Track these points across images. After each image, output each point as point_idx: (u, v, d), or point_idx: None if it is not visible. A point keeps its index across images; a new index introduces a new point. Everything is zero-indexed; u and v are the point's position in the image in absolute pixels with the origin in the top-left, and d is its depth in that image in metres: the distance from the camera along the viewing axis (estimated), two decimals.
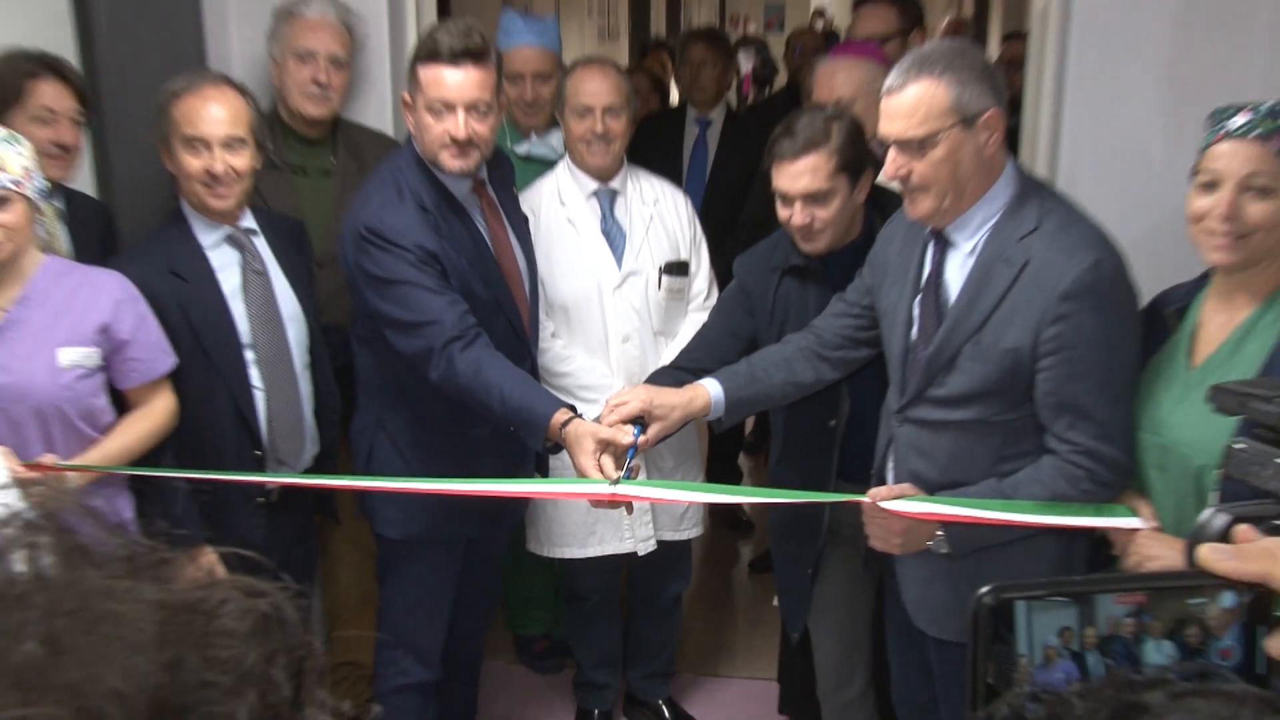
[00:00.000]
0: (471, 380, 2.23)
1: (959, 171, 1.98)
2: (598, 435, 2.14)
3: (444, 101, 2.33)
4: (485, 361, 2.24)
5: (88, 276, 2.22)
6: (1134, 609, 0.69)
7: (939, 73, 1.96)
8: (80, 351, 2.16)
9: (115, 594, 0.46)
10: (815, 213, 2.37)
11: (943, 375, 2.06)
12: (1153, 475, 1.97)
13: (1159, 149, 2.75)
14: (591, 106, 2.77)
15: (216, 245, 2.45)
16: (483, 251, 2.45)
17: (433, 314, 2.27)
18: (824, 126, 2.35)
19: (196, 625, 0.47)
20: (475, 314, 2.32)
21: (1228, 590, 0.69)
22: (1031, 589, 0.69)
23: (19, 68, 2.33)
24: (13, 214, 2.04)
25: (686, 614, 3.38)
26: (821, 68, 2.95)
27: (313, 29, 2.83)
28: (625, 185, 2.90)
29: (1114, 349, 1.97)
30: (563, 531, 2.93)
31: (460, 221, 2.42)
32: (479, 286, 2.41)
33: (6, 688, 0.41)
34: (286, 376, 2.50)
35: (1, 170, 2.01)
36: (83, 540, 0.49)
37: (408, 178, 2.38)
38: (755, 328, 2.55)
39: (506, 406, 2.22)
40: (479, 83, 2.34)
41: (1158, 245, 2.71)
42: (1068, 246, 1.95)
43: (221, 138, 2.34)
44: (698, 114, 4.08)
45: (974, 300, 2.02)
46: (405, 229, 2.31)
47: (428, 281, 2.29)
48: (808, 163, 2.33)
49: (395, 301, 2.31)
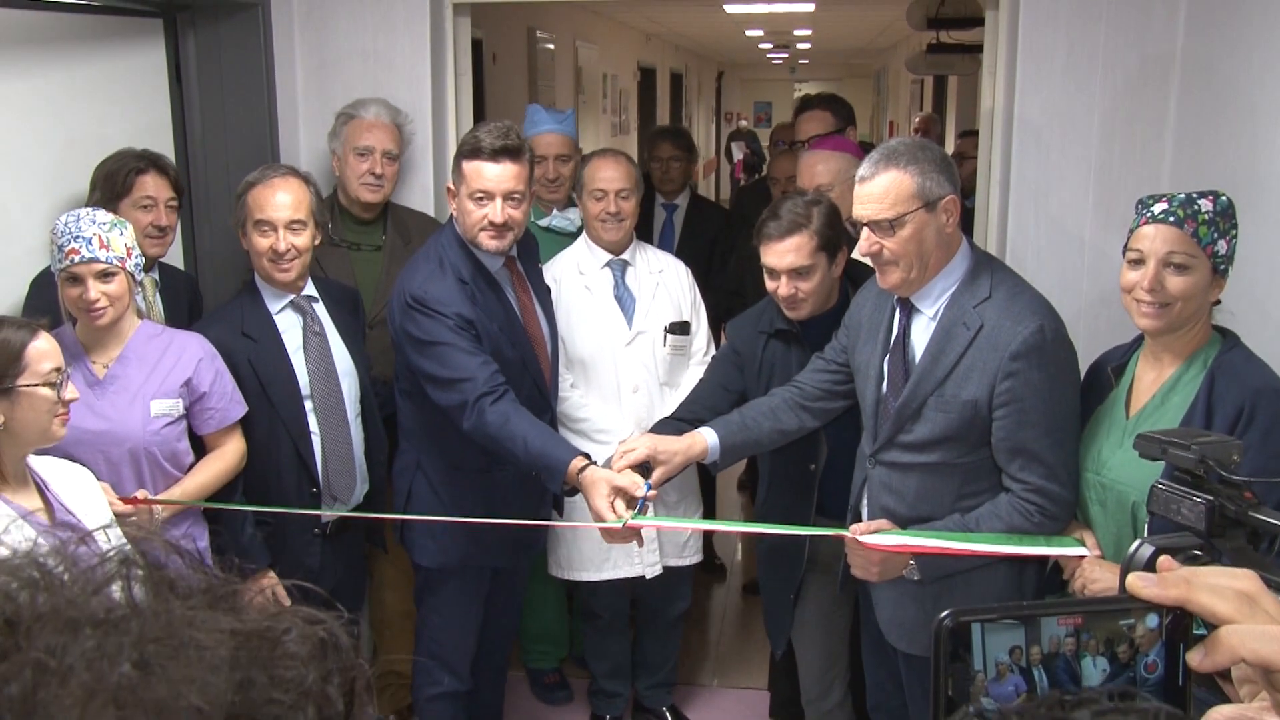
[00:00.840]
0: (500, 430, 2.24)
1: (923, 248, 2.01)
2: (612, 482, 2.13)
3: (484, 191, 2.36)
4: (512, 414, 2.25)
5: (175, 338, 2.26)
6: (1073, 629, 0.69)
7: (904, 164, 1.99)
8: (168, 403, 2.19)
9: (196, 622, 0.47)
10: (799, 285, 2.39)
11: (910, 424, 2.07)
12: (1095, 510, 1.97)
13: (1090, 229, 2.78)
14: (607, 190, 2.81)
15: (282, 310, 2.48)
16: (512, 319, 2.47)
17: (467, 372, 2.27)
18: (805, 211, 2.38)
19: (264, 650, 0.47)
20: (504, 372, 2.33)
21: (1152, 613, 0.70)
22: (985, 613, 0.69)
23: (128, 164, 2.40)
24: (117, 286, 2.09)
25: (687, 631, 3.35)
26: (804, 157, 2.97)
27: (370, 129, 2.88)
28: (635, 257, 2.93)
29: (1057, 400, 1.98)
30: (581, 557, 2.92)
31: (493, 293, 2.44)
32: (508, 349, 2.42)
33: (105, 704, 0.42)
34: (340, 423, 2.52)
35: (108, 249, 2.06)
36: (169, 573, 0.50)
37: (449, 254, 2.41)
38: (745, 383, 2.55)
39: (530, 453, 2.22)
40: (515, 175, 2.38)
41: (1090, 310, 2.74)
42: (1016, 313, 1.97)
43: (285, 220, 2.38)
44: (664, 200, 4.14)
45: (937, 358, 2.03)
46: (446, 299, 2.33)
47: (463, 344, 2.30)
48: (792, 243, 2.36)
49: (435, 360, 2.31)
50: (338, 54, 3.05)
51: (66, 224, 2.06)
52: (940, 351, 2.03)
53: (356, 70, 3.04)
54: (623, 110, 9.73)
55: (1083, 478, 1.99)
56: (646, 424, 2.73)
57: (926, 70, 7.66)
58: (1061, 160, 2.78)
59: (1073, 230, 2.79)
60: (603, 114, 8.95)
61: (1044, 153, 2.78)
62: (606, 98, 9.00)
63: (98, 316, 2.08)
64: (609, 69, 9.12)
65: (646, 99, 11.18)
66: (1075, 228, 2.79)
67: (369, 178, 2.87)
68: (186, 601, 0.48)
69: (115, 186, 2.37)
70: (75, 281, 2.06)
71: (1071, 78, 2.74)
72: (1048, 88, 2.76)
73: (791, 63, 19.18)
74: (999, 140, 2.89)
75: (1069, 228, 2.80)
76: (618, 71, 9.52)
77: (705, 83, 16.82)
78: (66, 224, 2.06)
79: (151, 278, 2.45)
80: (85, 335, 2.15)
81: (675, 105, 13.42)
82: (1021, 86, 2.78)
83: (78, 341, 2.15)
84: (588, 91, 8.16)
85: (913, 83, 10.19)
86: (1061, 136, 2.77)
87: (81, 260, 2.04)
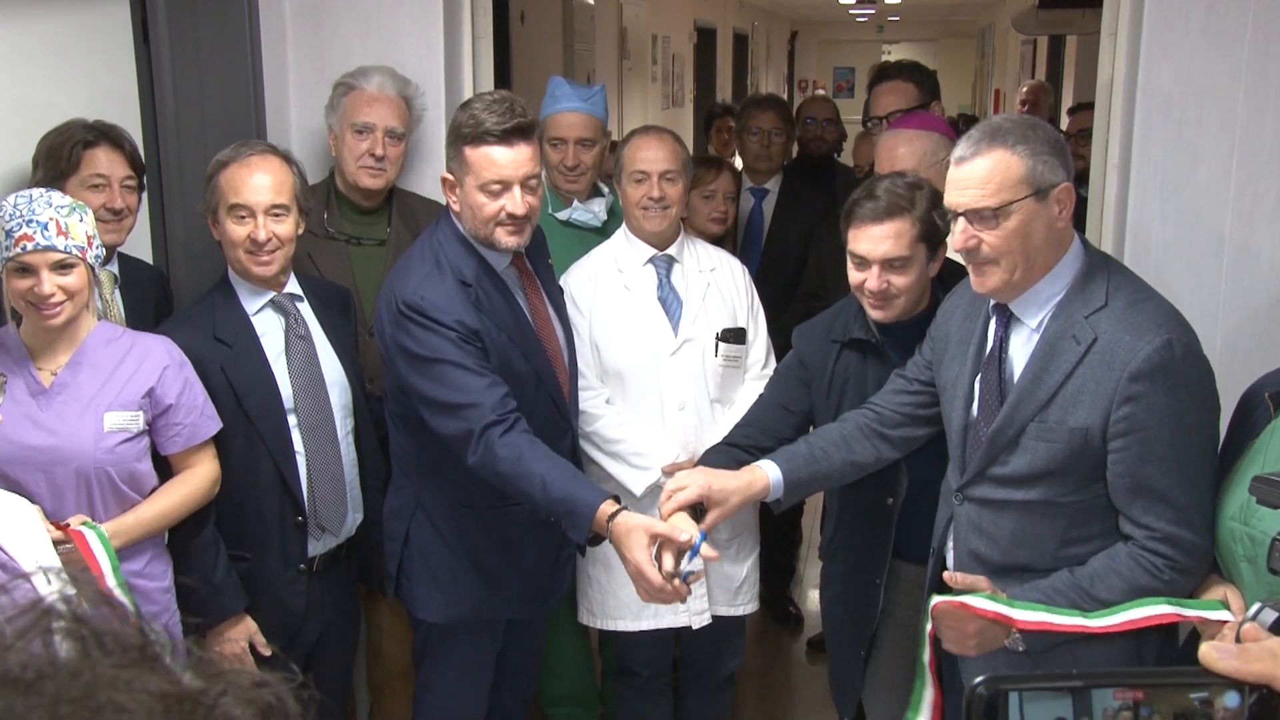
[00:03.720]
0: (512, 467, 2.18)
1: (1030, 244, 1.96)
2: (652, 530, 2.06)
3: (500, 180, 2.31)
4: (526, 448, 2.19)
5: (137, 341, 2.26)
6: (1131, 704, 0.69)
7: (1012, 144, 1.95)
8: (125, 415, 2.19)
9: (119, 683, 0.48)
10: (892, 279, 2.35)
11: (1005, 454, 2.03)
12: (1244, 568, 1.90)
13: (1231, 223, 2.71)
14: (649, 172, 2.80)
15: (260, 311, 2.48)
16: (523, 326, 2.44)
17: (473, 396, 2.23)
18: (908, 194, 2.35)
19: (196, 716, 0.49)
20: (515, 388, 2.30)
21: (1231, 690, 0.69)
22: (1024, 680, 0.70)
23: (74, 136, 2.39)
24: (75, 279, 2.10)
25: (742, 691, 3.29)
26: (883, 138, 2.94)
27: (371, 102, 2.87)
28: (682, 253, 2.91)
29: (1189, 429, 1.93)
30: (617, 603, 2.89)
31: (501, 296, 2.41)
32: (519, 362, 2.39)
33: None
34: (328, 441, 2.51)
35: (67, 237, 2.07)
36: (98, 625, 0.51)
37: (447, 252, 2.37)
38: (811, 402, 2.52)
39: (549, 496, 2.15)
40: (531, 157, 2.34)
41: (1231, 322, 2.65)
42: (1137, 324, 1.93)
43: (265, 205, 2.38)
44: (753, 184, 4.08)
45: (1039, 377, 1.99)
46: (446, 305, 2.29)
47: (469, 362, 2.26)
48: (891, 228, 2.32)
49: (435, 379, 2.27)
50: (335, 12, 3.06)
51: (16, 206, 2.06)
52: (1043, 369, 1.98)
53: (357, 33, 3.05)
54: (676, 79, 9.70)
55: (1228, 528, 1.92)
56: (694, 447, 2.70)
57: (1038, 29, 7.53)
58: (1197, 139, 2.72)
59: (1210, 224, 2.73)
60: (652, 83, 8.92)
61: (1176, 131, 2.72)
62: (656, 64, 8.99)
63: (52, 314, 2.09)
64: (660, 30, 9.10)
65: (705, 65, 11.16)
66: (1213, 221, 2.73)
67: (368, 160, 2.86)
68: (112, 659, 0.50)
69: (60, 163, 2.36)
70: (25, 273, 2.07)
71: (1212, 39, 2.68)
72: (1182, 51, 2.70)
73: (879, 20, 19.07)
74: (1119, 116, 2.84)
75: (1205, 221, 2.73)
76: (670, 33, 9.51)
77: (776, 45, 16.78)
78: (16, 206, 2.06)
79: (110, 271, 2.45)
80: (31, 337, 2.16)
81: (739, 72, 13.38)
82: (1148, 50, 2.72)
83: (20, 344, 2.16)
84: (634, 57, 8.15)
85: (1023, 44, 10.07)
86: (1198, 111, 2.71)
87: (35, 248, 2.04)
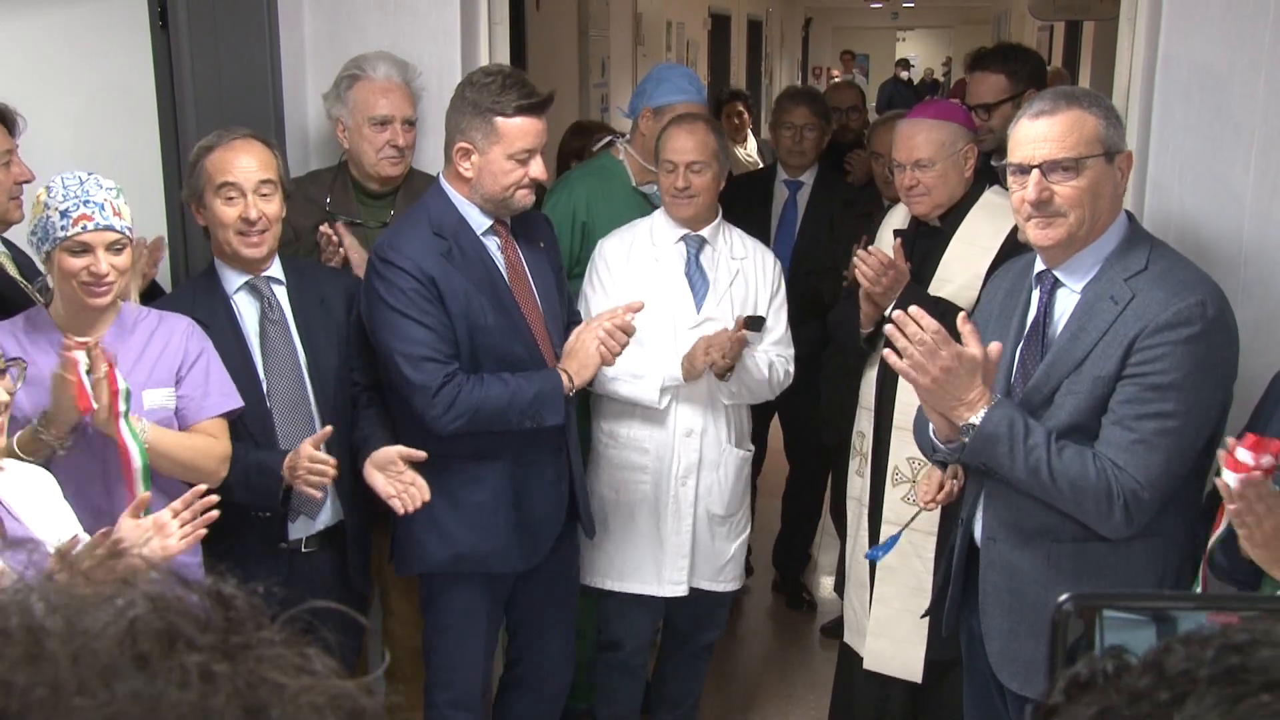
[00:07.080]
0: (476, 393, 2.44)
1: (1097, 203, 2.03)
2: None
3: (529, 150, 2.50)
4: (483, 380, 2.47)
5: (162, 320, 2.31)
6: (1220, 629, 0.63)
7: (1087, 105, 2.04)
8: (163, 393, 2.25)
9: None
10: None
11: (1041, 410, 2.08)
12: None
13: (1250, 211, 2.71)
14: (676, 163, 2.89)
15: (238, 291, 2.50)
16: (495, 279, 2.56)
17: (428, 350, 2.43)
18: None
19: None
20: (486, 339, 2.51)
21: None
22: (1116, 598, 0.67)
23: None
24: (125, 258, 2.17)
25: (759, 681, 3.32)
26: (901, 126, 2.91)
27: (384, 93, 2.88)
28: (716, 237, 3.00)
29: (1201, 392, 1.97)
30: (606, 561, 2.99)
31: (475, 251, 2.55)
32: (490, 314, 2.52)
33: None
34: (304, 425, 2.50)
35: (121, 218, 2.15)
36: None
37: (431, 209, 2.55)
38: None
39: (522, 398, 2.46)
40: (545, 130, 2.54)
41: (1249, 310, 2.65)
42: (1174, 284, 2.00)
43: (254, 183, 2.41)
44: (788, 176, 4.11)
45: (1077, 336, 2.06)
46: (410, 251, 2.46)
47: (426, 319, 2.45)
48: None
49: (392, 330, 2.44)
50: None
51: (68, 187, 2.10)
52: (1080, 328, 2.06)
53: (374, 19, 3.07)
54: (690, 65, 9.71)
55: None
56: (700, 398, 2.93)
57: (1054, 15, 7.50)
58: (1217, 125, 2.71)
59: (1230, 210, 2.73)
60: None
61: (1195, 116, 2.72)
62: (671, 50, 9.02)
63: (103, 293, 2.14)
64: (674, 16, 9.12)
65: (719, 52, 11.17)
66: (1233, 208, 2.73)
67: (389, 150, 2.88)
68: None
69: None
70: (81, 252, 2.11)
71: (1235, 23, 2.67)
72: (1202, 36, 2.69)
73: (894, 6, 19.01)
74: (1138, 102, 2.83)
75: (1226, 207, 2.73)
76: (684, 19, 9.53)
77: (789, 32, 16.75)
78: (68, 187, 2.10)
79: None
80: (67, 317, 2.19)
81: (753, 59, 13.39)
82: (1168, 34, 2.71)
83: (54, 326, 2.19)
84: (648, 43, 8.17)
85: (1039, 30, 10.01)
86: (1217, 97, 2.70)
87: (95, 228, 2.09)
